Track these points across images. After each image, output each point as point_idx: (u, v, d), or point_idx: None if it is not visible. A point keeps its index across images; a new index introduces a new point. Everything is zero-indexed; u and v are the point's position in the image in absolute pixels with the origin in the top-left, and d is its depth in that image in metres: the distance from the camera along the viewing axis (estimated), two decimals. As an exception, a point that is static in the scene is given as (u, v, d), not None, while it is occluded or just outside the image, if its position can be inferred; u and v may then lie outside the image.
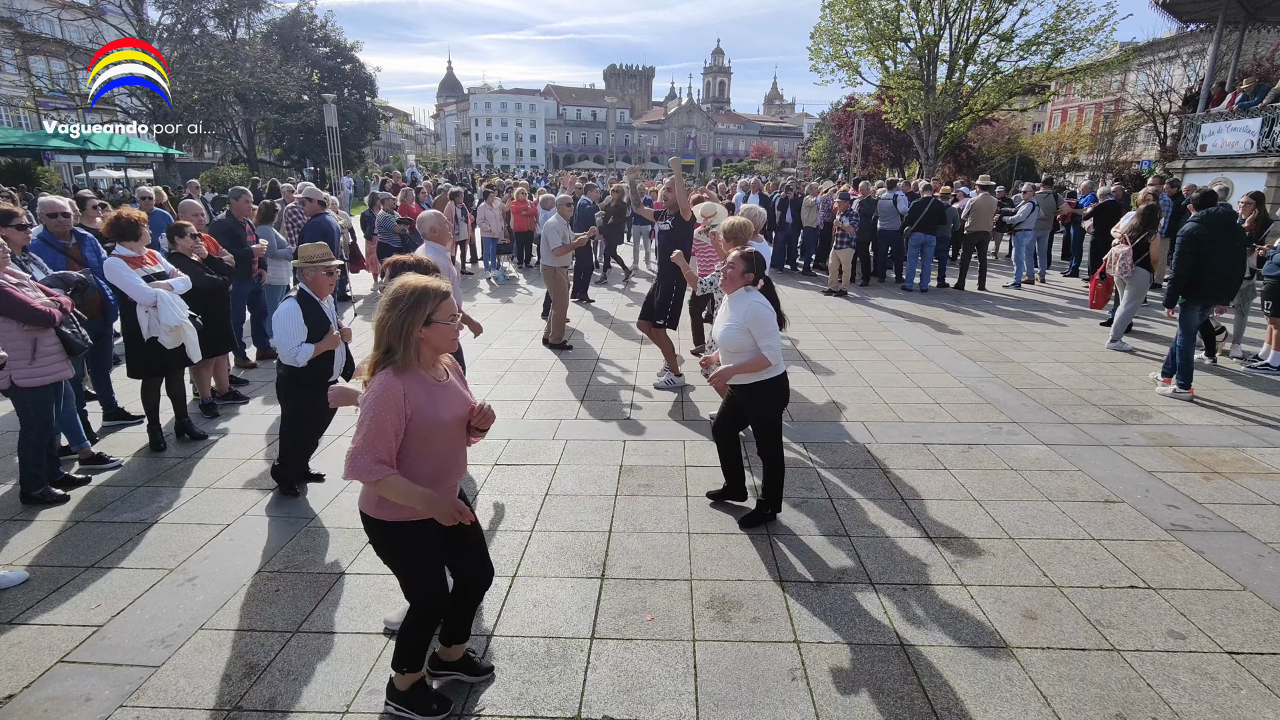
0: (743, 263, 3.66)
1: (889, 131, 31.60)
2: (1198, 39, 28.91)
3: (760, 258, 3.72)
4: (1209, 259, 5.88)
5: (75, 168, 27.75)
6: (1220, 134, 14.70)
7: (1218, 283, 5.97)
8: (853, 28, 21.99)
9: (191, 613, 3.14)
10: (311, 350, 3.82)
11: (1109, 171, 31.02)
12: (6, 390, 3.93)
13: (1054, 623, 3.08)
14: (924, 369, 7.09)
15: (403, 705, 2.50)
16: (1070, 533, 3.87)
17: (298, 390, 4.01)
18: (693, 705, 2.61)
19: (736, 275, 3.65)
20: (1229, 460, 4.85)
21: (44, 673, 2.75)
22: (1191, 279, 5.94)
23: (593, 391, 6.36)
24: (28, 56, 29.17)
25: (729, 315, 3.70)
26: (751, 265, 3.66)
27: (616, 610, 3.17)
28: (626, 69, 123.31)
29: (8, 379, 3.88)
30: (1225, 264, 5.95)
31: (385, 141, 75.81)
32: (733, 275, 3.66)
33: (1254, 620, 3.11)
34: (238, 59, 26.01)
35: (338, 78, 39.05)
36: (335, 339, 3.94)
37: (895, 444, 5.11)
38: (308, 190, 8.80)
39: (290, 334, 3.78)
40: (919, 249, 11.53)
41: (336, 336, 3.96)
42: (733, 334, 3.63)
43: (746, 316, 3.56)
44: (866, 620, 3.10)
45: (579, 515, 4.06)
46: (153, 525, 3.93)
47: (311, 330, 3.85)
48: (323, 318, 3.93)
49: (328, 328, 3.94)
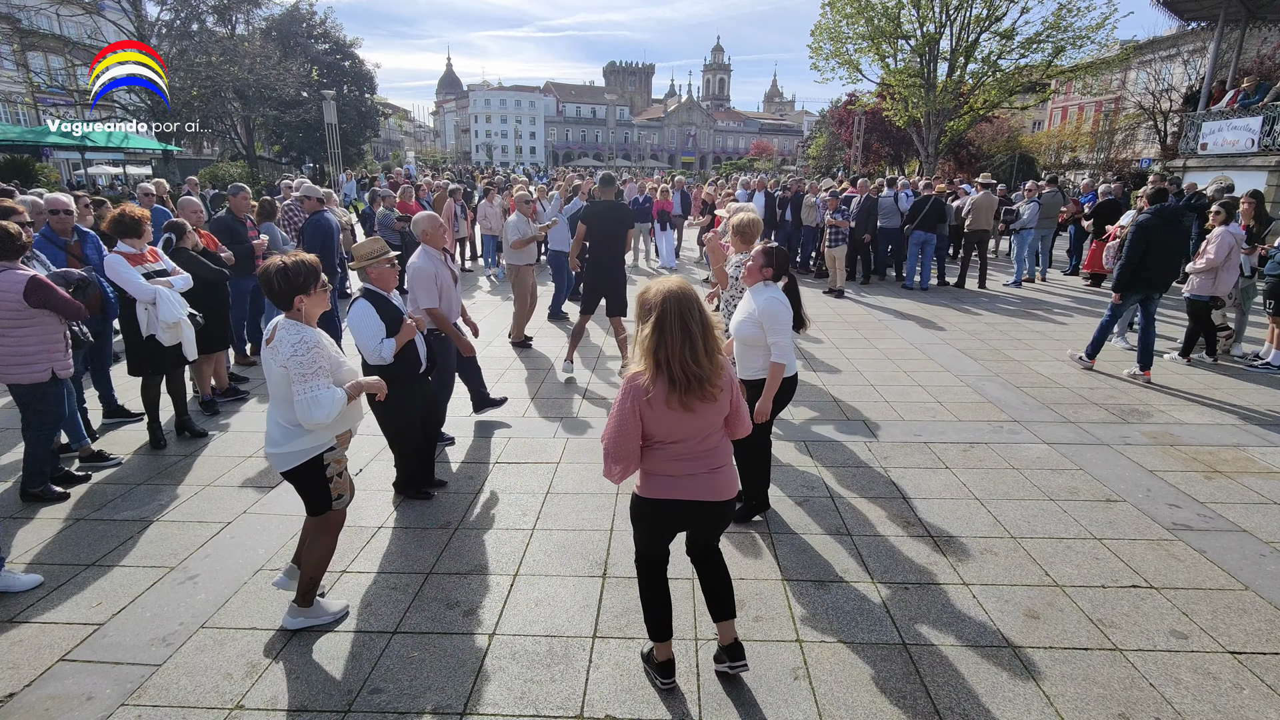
0: (762, 256, 3.68)
1: (889, 129, 31.55)
2: (1198, 37, 28.85)
3: (782, 253, 3.75)
4: (1154, 249, 6.35)
5: (74, 164, 27.69)
6: (1221, 132, 14.69)
7: (1156, 271, 6.45)
8: (853, 25, 21.93)
9: (193, 611, 3.13)
10: (394, 345, 3.77)
11: (1109, 170, 30.98)
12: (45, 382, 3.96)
13: (1056, 622, 3.08)
14: (925, 367, 7.08)
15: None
16: (1072, 532, 3.86)
17: (391, 388, 3.99)
18: (695, 704, 2.61)
19: (755, 269, 3.68)
20: (1230, 459, 4.85)
21: (45, 671, 2.75)
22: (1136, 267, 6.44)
23: (594, 390, 6.35)
24: (26, 52, 29.04)
25: (746, 308, 3.72)
26: (770, 260, 3.67)
27: (619, 609, 3.17)
28: (626, 66, 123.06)
29: (49, 370, 3.95)
30: (1166, 255, 6.43)
31: (385, 138, 75.66)
32: (752, 269, 3.69)
33: (1256, 620, 3.11)
34: (237, 55, 25.91)
35: (337, 74, 38.98)
36: (411, 328, 3.88)
37: (896, 443, 5.10)
38: (305, 188, 8.76)
39: (371, 333, 3.74)
40: (919, 247, 11.52)
41: (412, 326, 3.89)
42: (748, 327, 3.66)
43: (762, 311, 3.58)
44: (869, 619, 3.10)
45: (581, 513, 4.06)
46: (153, 523, 3.93)
47: (388, 325, 3.80)
48: (395, 311, 3.88)
49: (401, 319, 3.89)
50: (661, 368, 2.29)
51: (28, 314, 3.83)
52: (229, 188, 7.00)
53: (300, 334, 2.73)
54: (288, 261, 2.78)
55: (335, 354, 2.90)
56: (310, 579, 3.00)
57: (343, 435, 2.95)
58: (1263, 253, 7.16)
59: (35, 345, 3.88)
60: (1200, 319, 7.09)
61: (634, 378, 2.32)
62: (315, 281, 2.80)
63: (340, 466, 2.96)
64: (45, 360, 3.94)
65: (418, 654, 2.86)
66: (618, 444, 2.34)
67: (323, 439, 2.85)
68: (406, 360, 3.90)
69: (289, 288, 2.74)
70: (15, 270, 3.80)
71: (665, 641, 2.67)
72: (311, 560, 3.00)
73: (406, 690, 2.67)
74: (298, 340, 2.70)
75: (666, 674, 2.67)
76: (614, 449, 2.35)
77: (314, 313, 2.87)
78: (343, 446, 2.97)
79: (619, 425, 2.33)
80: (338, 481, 2.95)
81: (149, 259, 4.81)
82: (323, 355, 2.74)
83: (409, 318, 3.92)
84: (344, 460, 2.99)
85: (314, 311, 2.86)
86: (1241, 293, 7.45)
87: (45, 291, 3.83)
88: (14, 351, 3.82)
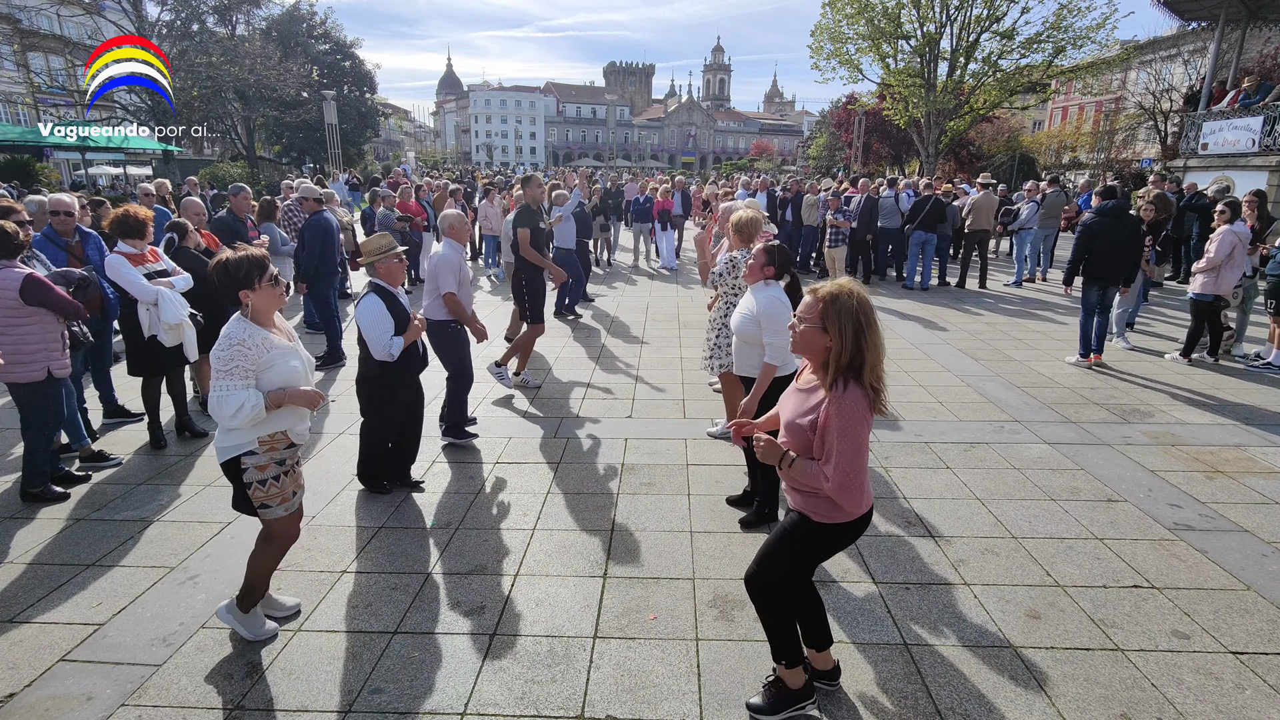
0: (764, 255, 3.66)
1: (889, 129, 31.58)
2: (1199, 37, 28.84)
3: (784, 251, 3.73)
4: (1101, 245, 6.84)
5: (74, 164, 27.69)
6: (1221, 132, 14.68)
7: (1107, 266, 6.89)
8: (854, 25, 21.96)
9: (193, 611, 3.13)
10: (402, 342, 3.77)
11: (1109, 170, 30.98)
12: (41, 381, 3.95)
13: (1057, 622, 3.07)
14: (925, 367, 7.08)
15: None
16: (1073, 532, 3.86)
17: (386, 388, 3.97)
18: (696, 704, 2.60)
19: (757, 268, 3.67)
20: (1232, 459, 4.84)
21: (45, 671, 2.75)
22: (1088, 263, 6.95)
23: (594, 390, 6.35)
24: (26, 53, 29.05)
25: (746, 305, 3.72)
26: (772, 259, 3.66)
27: (619, 609, 3.16)
28: (626, 66, 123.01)
29: (45, 369, 3.95)
30: (1115, 250, 6.84)
31: (385, 139, 75.65)
32: (753, 267, 3.68)
33: (1258, 620, 3.10)
34: (237, 55, 25.91)
35: (337, 74, 38.99)
36: (417, 329, 3.88)
37: (897, 443, 5.10)
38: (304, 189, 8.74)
39: (381, 329, 3.73)
40: (920, 247, 11.52)
41: (418, 326, 3.89)
42: (747, 324, 3.66)
43: (761, 310, 3.58)
44: (869, 619, 3.09)
45: (581, 514, 4.05)
46: (153, 523, 3.92)
47: (397, 321, 3.79)
48: (402, 309, 3.88)
49: (409, 318, 3.89)
50: (863, 381, 2.13)
51: (25, 312, 3.83)
52: (229, 188, 7.00)
53: (232, 330, 2.62)
54: (229, 256, 2.67)
55: (279, 358, 2.69)
56: (249, 584, 2.89)
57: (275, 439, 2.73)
58: (1264, 252, 7.15)
59: (34, 344, 3.89)
60: (1205, 318, 7.08)
61: (857, 399, 2.11)
62: (259, 275, 2.68)
63: (263, 474, 2.72)
64: (42, 359, 3.94)
65: (418, 654, 2.86)
66: (860, 466, 2.17)
67: (240, 440, 2.68)
68: (407, 358, 3.90)
69: (229, 283, 2.65)
70: (12, 269, 3.81)
71: (830, 646, 2.65)
72: (252, 567, 2.89)
73: (407, 690, 2.66)
74: (226, 335, 2.61)
75: (835, 678, 2.67)
76: (857, 474, 2.16)
77: (263, 308, 2.72)
78: (272, 451, 2.73)
79: (859, 448, 2.14)
80: (260, 489, 2.73)
81: (150, 259, 4.81)
82: (244, 355, 2.59)
83: (415, 318, 3.92)
84: (269, 467, 2.73)
85: (263, 307, 2.71)
86: (1244, 292, 7.44)
87: (42, 290, 3.84)
88: (12, 350, 3.82)
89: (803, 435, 2.25)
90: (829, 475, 2.16)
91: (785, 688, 2.51)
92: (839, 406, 2.11)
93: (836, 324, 2.11)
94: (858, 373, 2.13)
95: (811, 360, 2.30)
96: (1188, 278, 7.14)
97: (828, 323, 2.13)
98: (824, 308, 2.15)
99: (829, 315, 2.13)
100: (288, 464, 2.81)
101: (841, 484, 2.14)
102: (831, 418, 2.13)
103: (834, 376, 2.14)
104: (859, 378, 2.13)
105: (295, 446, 2.84)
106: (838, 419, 2.11)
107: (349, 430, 5.30)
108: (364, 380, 4.07)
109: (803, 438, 2.25)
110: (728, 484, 4.41)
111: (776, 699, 2.51)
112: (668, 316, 9.46)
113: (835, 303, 2.13)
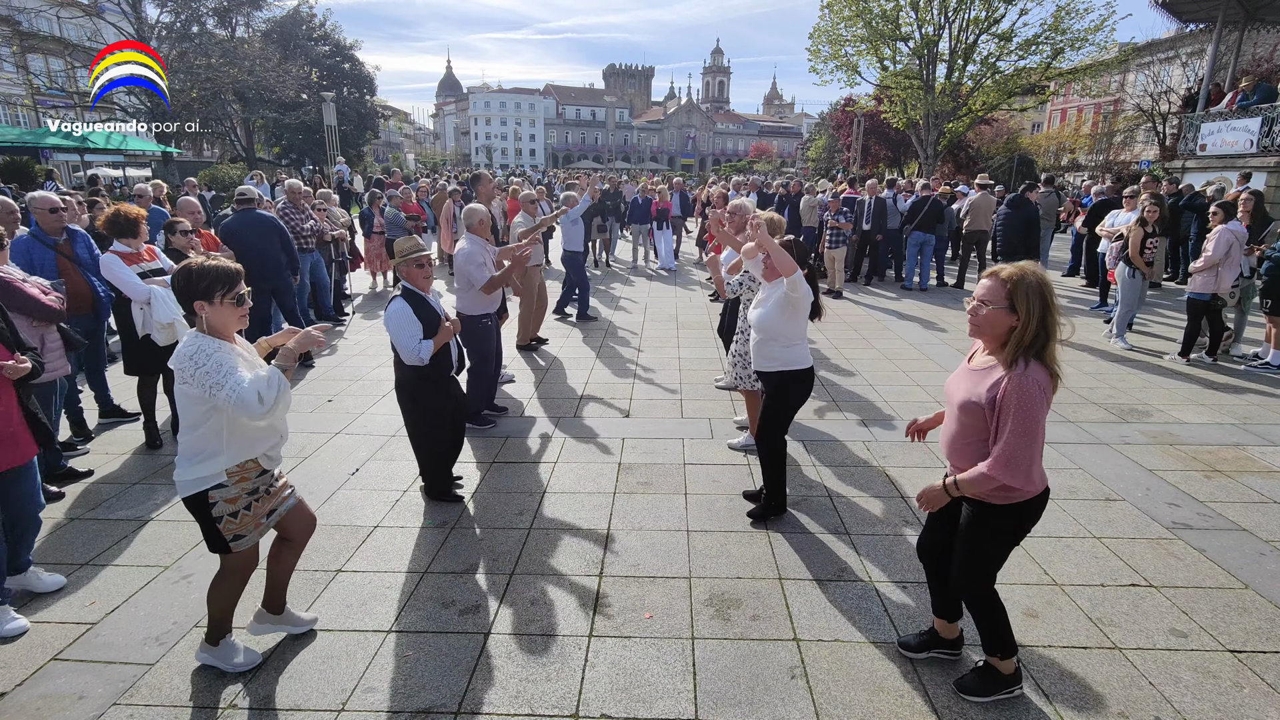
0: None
1: (888, 131, 31.58)
2: (1197, 39, 28.91)
3: (802, 246, 3.76)
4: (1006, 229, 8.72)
5: (74, 166, 27.69)
6: (1220, 133, 14.69)
7: (1005, 245, 8.84)
8: (852, 27, 21.95)
9: (186, 610, 3.11)
10: (431, 346, 3.74)
11: (1108, 171, 31.02)
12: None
13: (1055, 621, 3.06)
14: (924, 367, 7.07)
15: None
16: (1071, 531, 3.85)
17: (425, 388, 3.93)
18: (691, 704, 2.59)
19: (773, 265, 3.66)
20: (1230, 458, 4.84)
21: (37, 670, 2.73)
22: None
23: (591, 389, 6.34)
24: (26, 54, 29.09)
25: (766, 299, 3.73)
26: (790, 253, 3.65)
27: (615, 608, 3.15)
28: (626, 68, 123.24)
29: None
30: (1013, 233, 8.90)
31: (385, 140, 75.67)
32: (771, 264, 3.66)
33: (1256, 618, 3.09)
34: (237, 57, 25.95)
35: (337, 76, 39.05)
36: (449, 330, 3.84)
37: (895, 442, 5.09)
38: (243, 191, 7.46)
39: (409, 333, 3.70)
40: (918, 248, 11.53)
41: (449, 328, 3.85)
42: (769, 317, 3.67)
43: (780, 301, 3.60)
44: (867, 618, 3.08)
45: (577, 513, 4.04)
46: (148, 522, 3.91)
47: (425, 325, 3.76)
48: (432, 311, 3.85)
49: (439, 320, 3.85)
50: (1045, 360, 2.18)
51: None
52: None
53: (199, 345, 2.38)
54: (198, 262, 2.45)
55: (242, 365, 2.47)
56: (214, 618, 2.74)
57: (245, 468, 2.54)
58: (1259, 253, 7.15)
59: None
60: (1203, 317, 7.08)
61: (1040, 377, 2.15)
62: (222, 289, 2.43)
63: (234, 506, 2.54)
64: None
65: (413, 653, 2.84)
66: (1035, 446, 2.18)
67: (209, 471, 2.47)
68: (438, 361, 3.88)
69: (188, 289, 2.40)
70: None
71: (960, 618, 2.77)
72: (212, 601, 2.72)
73: (401, 689, 2.65)
74: (195, 350, 2.36)
75: (958, 647, 2.82)
76: (1026, 453, 2.17)
77: (219, 324, 2.46)
78: (243, 482, 2.55)
79: (1035, 427, 2.16)
80: (231, 522, 2.54)
81: (145, 258, 4.80)
82: (225, 354, 2.39)
83: (446, 320, 3.89)
84: (239, 499, 2.55)
85: (218, 323, 2.46)
86: (1241, 292, 7.44)
87: (8, 293, 3.70)
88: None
89: (979, 414, 2.27)
90: (995, 454, 2.20)
91: (999, 673, 2.59)
92: (1020, 384, 2.15)
93: (1025, 303, 2.16)
94: (1039, 351, 2.17)
95: (990, 342, 2.32)
96: (1186, 278, 7.12)
97: (1016, 302, 2.17)
98: (1012, 287, 2.19)
99: (1018, 294, 2.17)
100: (259, 491, 2.62)
101: (1006, 462, 2.17)
102: (1010, 394, 2.16)
103: (1015, 355, 2.18)
104: (1040, 356, 2.17)
105: (268, 473, 2.64)
106: (1017, 396, 2.15)
107: (345, 430, 5.29)
108: (402, 384, 3.99)
109: (979, 416, 2.27)
110: (725, 483, 4.39)
111: (989, 682, 2.60)
112: (666, 317, 9.45)
113: (1022, 283, 2.17)
